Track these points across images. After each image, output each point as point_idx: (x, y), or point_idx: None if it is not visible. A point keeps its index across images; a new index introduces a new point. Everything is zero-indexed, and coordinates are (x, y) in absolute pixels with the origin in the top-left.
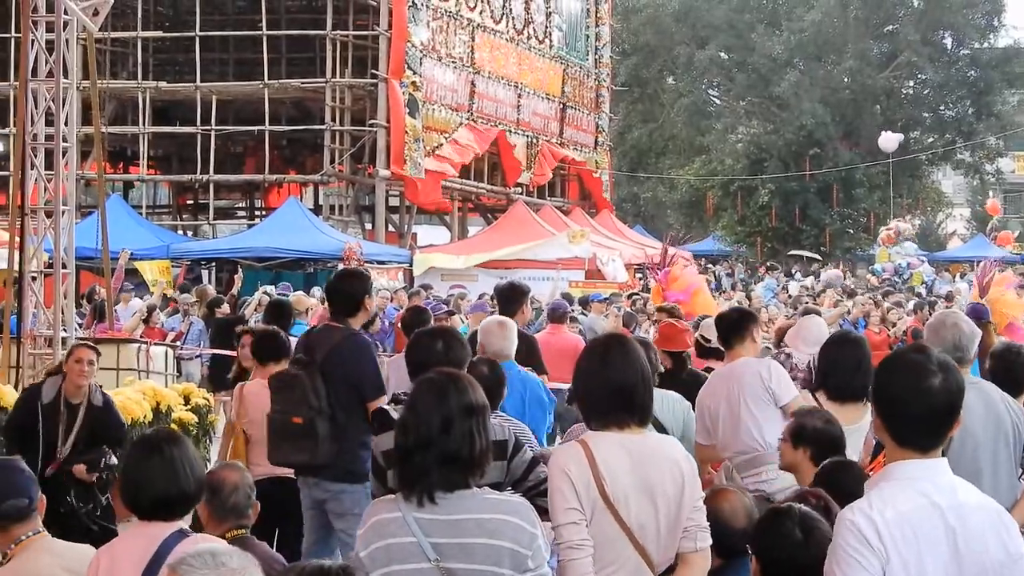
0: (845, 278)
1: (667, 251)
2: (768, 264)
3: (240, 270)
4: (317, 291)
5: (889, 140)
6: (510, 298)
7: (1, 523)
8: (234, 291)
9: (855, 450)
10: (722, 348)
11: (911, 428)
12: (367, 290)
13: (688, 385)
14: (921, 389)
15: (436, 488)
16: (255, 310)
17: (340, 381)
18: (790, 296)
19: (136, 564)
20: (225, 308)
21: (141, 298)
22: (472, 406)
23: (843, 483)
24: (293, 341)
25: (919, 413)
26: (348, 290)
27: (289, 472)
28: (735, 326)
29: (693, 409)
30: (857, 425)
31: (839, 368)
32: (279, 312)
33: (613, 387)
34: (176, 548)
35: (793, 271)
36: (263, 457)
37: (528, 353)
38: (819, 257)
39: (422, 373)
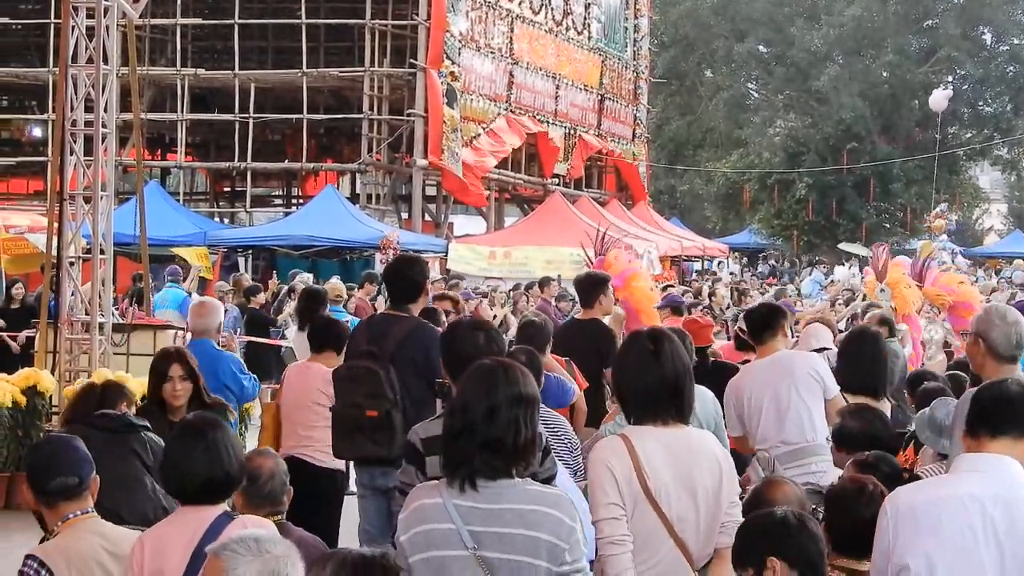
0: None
1: (603, 238)
2: (815, 259)
3: (275, 273)
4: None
5: (939, 98)
6: (588, 288)
7: (49, 499)
8: (272, 290)
9: None
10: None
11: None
12: (426, 275)
13: (714, 377)
14: None
15: (478, 475)
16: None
17: (411, 372)
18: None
19: (185, 547)
20: (261, 299)
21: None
22: (521, 396)
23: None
24: None
25: None
26: (409, 275)
27: (305, 454)
28: (764, 321)
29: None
30: None
31: (854, 364)
32: (314, 300)
33: (661, 382)
34: (225, 531)
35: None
36: (290, 437)
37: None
38: (868, 253)
39: (461, 364)
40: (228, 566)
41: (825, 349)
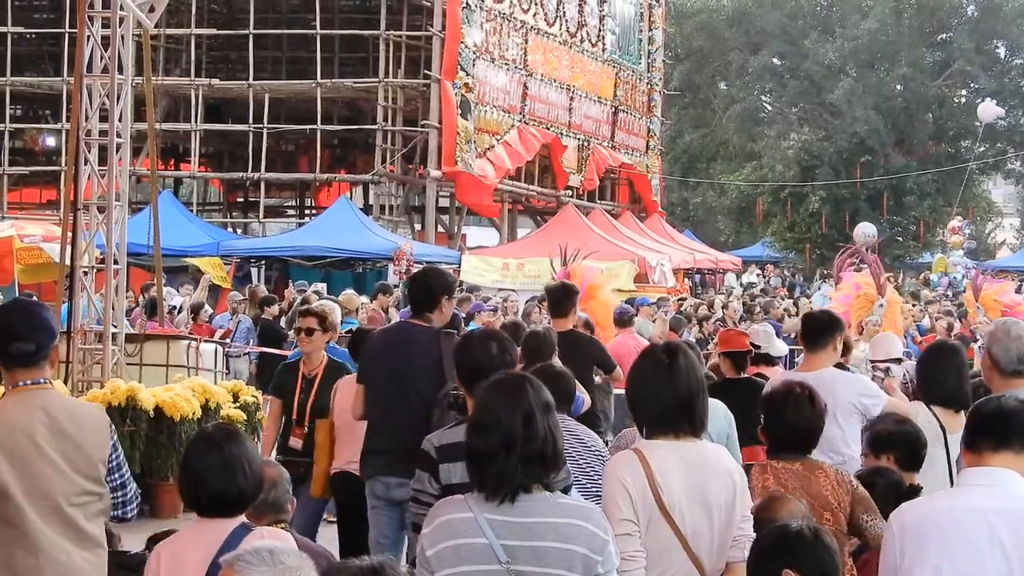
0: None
1: (566, 251)
2: (824, 272)
3: (291, 283)
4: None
5: (988, 111)
6: (562, 298)
7: (7, 364)
8: (288, 299)
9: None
10: (805, 348)
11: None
12: (446, 285)
13: (746, 388)
14: None
15: (521, 489)
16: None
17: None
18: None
19: (202, 559)
20: (275, 310)
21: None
22: (548, 404)
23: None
24: None
25: None
26: (426, 283)
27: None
28: (822, 330)
29: (752, 411)
30: (959, 434)
31: (939, 377)
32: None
33: (675, 396)
34: (242, 543)
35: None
36: (342, 453)
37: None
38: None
39: (474, 375)
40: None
41: (900, 360)
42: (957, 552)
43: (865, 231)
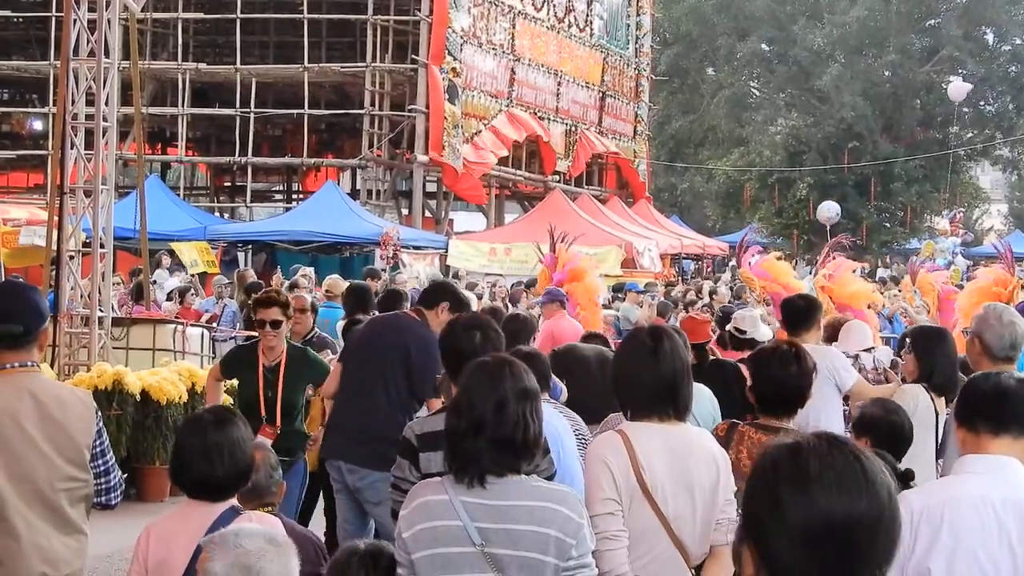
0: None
1: (554, 236)
2: (814, 259)
3: (279, 268)
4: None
5: (958, 89)
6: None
7: None
8: (276, 286)
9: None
10: (786, 332)
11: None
12: (454, 300)
13: (712, 375)
14: None
15: (488, 472)
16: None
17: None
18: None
19: (190, 540)
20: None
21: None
22: (526, 390)
23: None
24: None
25: None
26: (441, 286)
27: None
28: (803, 314)
29: (730, 395)
30: (943, 418)
31: (949, 365)
32: (360, 297)
33: (659, 380)
34: (229, 525)
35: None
36: None
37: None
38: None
39: (458, 362)
40: (208, 558)
41: (871, 349)
42: (969, 540)
43: (830, 211)
